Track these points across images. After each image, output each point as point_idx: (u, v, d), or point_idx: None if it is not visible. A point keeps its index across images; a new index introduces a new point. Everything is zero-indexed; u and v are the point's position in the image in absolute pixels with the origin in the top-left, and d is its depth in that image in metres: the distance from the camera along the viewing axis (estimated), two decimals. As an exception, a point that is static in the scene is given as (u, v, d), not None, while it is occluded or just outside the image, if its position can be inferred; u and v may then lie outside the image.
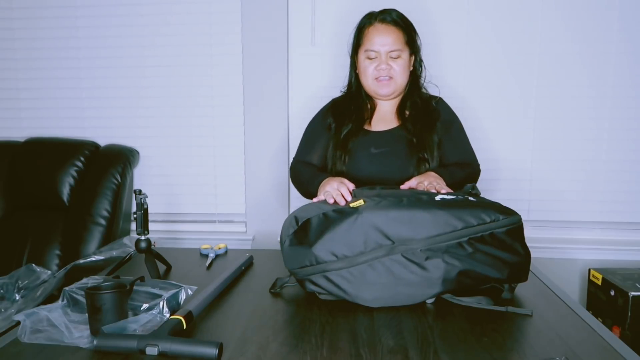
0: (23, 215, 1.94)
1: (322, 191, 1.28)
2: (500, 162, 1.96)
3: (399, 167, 1.47)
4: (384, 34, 1.48)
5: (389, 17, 1.50)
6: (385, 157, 1.49)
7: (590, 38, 1.88)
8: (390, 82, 1.50)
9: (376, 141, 1.51)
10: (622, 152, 1.92)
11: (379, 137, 1.52)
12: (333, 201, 1.17)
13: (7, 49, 2.08)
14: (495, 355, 0.85)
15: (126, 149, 2.02)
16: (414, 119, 1.53)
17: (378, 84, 1.51)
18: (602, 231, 1.98)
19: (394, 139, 1.51)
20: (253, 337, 0.92)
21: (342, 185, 1.24)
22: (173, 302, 1.01)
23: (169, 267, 1.34)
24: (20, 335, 0.91)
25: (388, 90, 1.51)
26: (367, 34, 1.51)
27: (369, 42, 1.49)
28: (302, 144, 1.64)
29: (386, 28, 1.49)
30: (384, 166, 1.48)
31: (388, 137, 1.52)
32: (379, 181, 1.45)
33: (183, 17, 1.99)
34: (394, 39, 1.48)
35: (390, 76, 1.50)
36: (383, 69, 1.48)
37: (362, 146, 1.51)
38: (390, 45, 1.48)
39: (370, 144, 1.50)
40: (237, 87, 2.02)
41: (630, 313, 1.61)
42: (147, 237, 1.29)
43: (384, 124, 1.55)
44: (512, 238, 1.08)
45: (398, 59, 1.49)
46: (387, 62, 1.49)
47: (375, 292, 1.04)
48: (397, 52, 1.48)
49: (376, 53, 1.49)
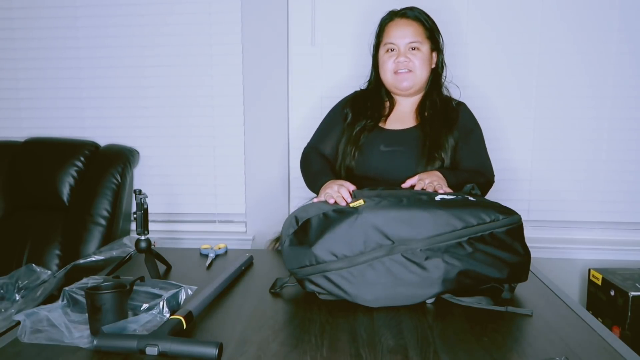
0: (23, 215, 1.94)
1: (322, 193, 1.28)
2: (500, 162, 1.96)
3: (406, 167, 1.46)
4: (403, 27, 1.49)
5: (410, 13, 1.52)
6: (394, 155, 1.48)
7: (590, 38, 1.88)
8: (409, 75, 1.49)
9: (387, 139, 1.50)
10: (622, 152, 1.92)
11: (391, 136, 1.51)
12: (333, 201, 1.17)
13: (7, 49, 2.08)
14: (495, 355, 0.85)
15: (126, 149, 2.02)
16: (432, 119, 1.51)
17: (397, 77, 1.50)
18: (602, 231, 1.98)
19: (406, 139, 1.50)
20: (253, 337, 0.92)
21: (343, 187, 1.24)
22: (173, 302, 1.01)
23: (169, 267, 1.34)
24: (20, 335, 0.91)
25: (408, 83, 1.50)
26: (387, 29, 1.51)
27: (388, 35, 1.50)
28: (318, 131, 1.63)
29: (406, 22, 1.50)
30: (391, 165, 1.47)
31: (400, 137, 1.51)
32: (386, 180, 1.45)
33: (183, 17, 1.99)
34: (412, 31, 1.48)
35: (409, 69, 1.49)
36: (401, 61, 1.48)
37: (373, 143, 1.50)
38: (410, 37, 1.48)
39: (381, 142, 1.50)
40: (237, 87, 2.02)
41: (630, 313, 1.61)
42: (147, 237, 1.29)
43: (400, 123, 1.53)
44: (512, 238, 1.08)
45: (417, 52, 1.48)
46: (405, 54, 1.48)
47: (375, 292, 1.04)
48: (416, 43, 1.48)
49: (395, 45, 1.49)
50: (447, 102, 1.56)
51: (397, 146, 1.49)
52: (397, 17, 1.51)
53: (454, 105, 1.56)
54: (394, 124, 1.54)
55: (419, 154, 1.46)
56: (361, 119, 1.53)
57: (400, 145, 1.49)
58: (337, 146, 1.56)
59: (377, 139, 1.50)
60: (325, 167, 1.51)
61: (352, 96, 1.62)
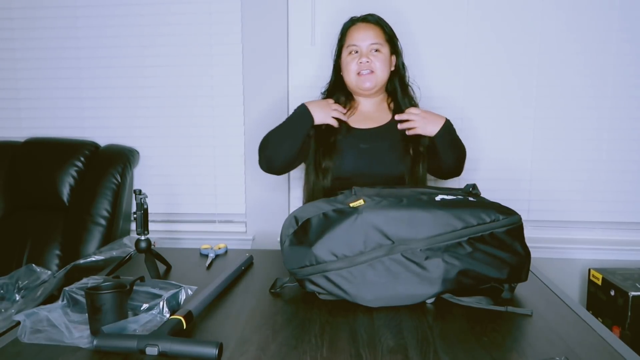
0: (23, 215, 1.94)
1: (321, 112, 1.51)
2: (500, 162, 1.97)
3: (390, 161, 1.52)
4: (365, 30, 1.57)
5: (371, 18, 1.61)
6: (376, 151, 1.53)
7: (590, 38, 1.88)
8: (372, 76, 1.55)
9: (365, 137, 1.55)
10: (622, 152, 1.92)
11: (367, 134, 1.56)
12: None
13: (6, 49, 2.08)
14: (495, 355, 0.85)
15: (126, 149, 2.02)
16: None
17: (360, 79, 1.55)
18: (602, 231, 1.98)
19: (385, 134, 1.56)
20: (253, 337, 0.92)
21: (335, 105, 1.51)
22: (173, 302, 1.01)
23: (169, 267, 1.34)
24: (20, 335, 0.91)
25: (370, 84, 1.55)
26: (349, 32, 1.59)
27: (351, 38, 1.57)
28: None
29: (367, 25, 1.59)
30: (374, 161, 1.52)
31: (378, 133, 1.56)
32: (369, 176, 1.50)
33: (183, 17, 1.99)
34: (373, 34, 1.56)
35: (371, 70, 1.55)
36: (364, 62, 1.54)
37: (350, 143, 1.54)
38: (371, 39, 1.55)
39: (358, 141, 1.55)
40: (237, 87, 2.02)
41: (630, 313, 1.61)
42: (147, 237, 1.29)
43: (370, 122, 1.59)
44: (512, 238, 1.08)
45: (378, 54, 1.55)
46: (367, 55, 1.54)
47: (375, 292, 1.04)
48: (377, 45, 1.55)
49: (357, 47, 1.55)
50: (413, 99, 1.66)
51: (378, 142, 1.54)
52: (358, 22, 1.60)
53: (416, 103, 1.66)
54: (364, 124, 1.59)
55: (403, 147, 1.54)
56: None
57: (379, 141, 1.55)
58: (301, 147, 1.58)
59: (353, 139, 1.55)
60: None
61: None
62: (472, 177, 1.96)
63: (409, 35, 1.92)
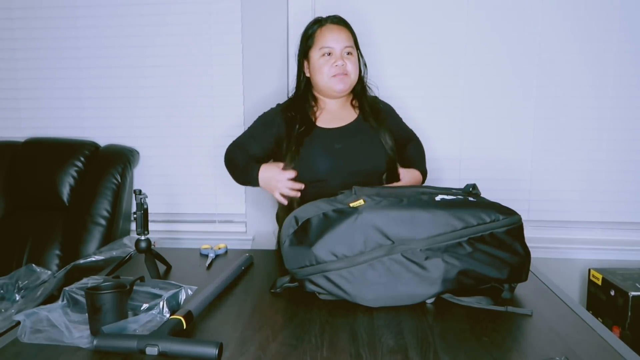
0: (23, 215, 1.94)
1: (268, 187, 1.51)
2: (500, 162, 1.96)
3: (366, 157, 1.53)
4: (338, 32, 1.54)
5: (341, 20, 1.58)
6: (350, 149, 1.53)
7: (590, 38, 1.88)
8: (346, 78, 1.54)
9: (337, 137, 1.55)
10: (622, 152, 1.92)
11: (338, 133, 1.55)
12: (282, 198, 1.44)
13: (7, 49, 2.08)
14: (495, 355, 0.85)
15: (126, 149, 2.02)
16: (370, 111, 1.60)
17: (334, 80, 1.54)
18: (602, 231, 1.98)
19: (354, 132, 1.56)
20: (253, 337, 0.92)
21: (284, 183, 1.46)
22: (173, 302, 1.01)
23: (169, 267, 1.34)
24: (20, 335, 0.91)
25: (344, 86, 1.55)
26: (320, 34, 1.55)
27: (324, 40, 1.54)
28: (247, 134, 1.64)
29: (339, 27, 1.56)
30: (349, 159, 1.52)
31: (349, 131, 1.56)
32: (347, 174, 1.49)
33: (183, 17, 1.99)
34: (346, 36, 1.55)
35: (345, 72, 1.54)
36: (340, 65, 1.52)
37: (323, 144, 1.53)
38: (345, 42, 1.54)
39: (331, 141, 1.54)
40: (237, 87, 2.02)
41: (630, 313, 1.61)
42: (147, 237, 1.29)
43: (338, 121, 1.58)
44: (512, 238, 1.09)
45: (351, 56, 1.55)
46: (342, 58, 1.53)
47: (375, 292, 1.04)
48: (350, 48, 1.54)
49: (332, 49, 1.53)
50: (374, 100, 1.68)
51: (350, 139, 1.54)
52: (329, 23, 1.56)
53: (373, 99, 1.68)
54: (333, 123, 1.58)
55: (376, 142, 1.55)
56: (299, 124, 1.56)
57: (354, 138, 1.55)
58: (266, 153, 1.60)
59: (324, 139, 1.54)
60: (252, 159, 1.58)
61: (283, 107, 1.64)
62: (472, 177, 1.96)
63: (409, 35, 1.93)
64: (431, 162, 1.75)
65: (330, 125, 1.57)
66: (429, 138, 1.91)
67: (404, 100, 1.92)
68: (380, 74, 1.93)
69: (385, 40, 1.93)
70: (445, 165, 1.98)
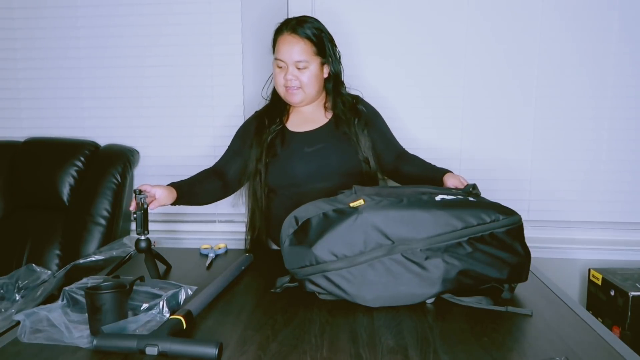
0: (23, 215, 1.94)
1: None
2: (500, 162, 1.96)
3: (337, 162, 1.52)
4: (290, 45, 1.50)
5: (300, 30, 1.51)
6: (322, 152, 1.53)
7: (590, 38, 1.87)
8: (298, 91, 1.53)
9: (307, 140, 1.55)
10: (622, 152, 1.92)
11: (309, 137, 1.56)
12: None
13: (7, 49, 2.08)
14: (495, 355, 0.85)
15: (126, 149, 2.02)
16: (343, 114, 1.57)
17: (288, 92, 1.54)
18: (602, 231, 1.98)
19: (325, 135, 1.55)
20: (253, 337, 0.93)
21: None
22: (173, 302, 1.01)
23: (169, 267, 1.34)
24: (20, 335, 0.91)
25: (297, 98, 1.54)
26: (277, 42, 1.54)
27: (278, 51, 1.53)
28: (229, 151, 1.66)
29: (293, 39, 1.50)
30: (321, 163, 1.52)
31: (319, 135, 1.56)
32: (322, 177, 1.50)
33: (183, 17, 1.99)
34: (299, 50, 1.50)
35: (298, 86, 1.52)
36: (289, 79, 1.51)
37: (294, 148, 1.54)
38: (297, 56, 1.50)
39: (303, 145, 1.54)
40: (237, 87, 2.02)
41: (630, 313, 1.61)
42: (147, 237, 1.29)
43: (310, 124, 1.58)
44: (512, 238, 1.09)
45: (305, 70, 1.52)
46: (293, 72, 1.51)
47: (375, 292, 1.04)
48: (303, 63, 1.50)
49: (283, 62, 1.51)
50: (349, 99, 1.62)
51: (322, 143, 1.54)
52: (286, 32, 1.52)
53: (352, 100, 1.63)
54: (303, 127, 1.58)
55: (349, 143, 1.53)
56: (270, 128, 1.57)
57: (324, 141, 1.54)
58: (242, 169, 1.60)
59: (295, 143, 1.55)
60: (190, 178, 1.57)
61: (258, 113, 1.66)
62: (472, 177, 1.95)
63: (409, 35, 1.92)
64: (431, 162, 1.75)
65: (301, 129, 1.57)
66: (429, 138, 1.91)
67: (403, 100, 1.92)
68: (380, 74, 1.93)
69: (385, 40, 1.93)
70: (445, 165, 1.96)
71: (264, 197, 1.58)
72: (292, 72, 1.51)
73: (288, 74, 1.51)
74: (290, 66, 1.50)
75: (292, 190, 1.52)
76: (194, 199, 1.53)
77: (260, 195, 1.57)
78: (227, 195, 1.64)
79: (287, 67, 1.51)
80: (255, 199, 1.60)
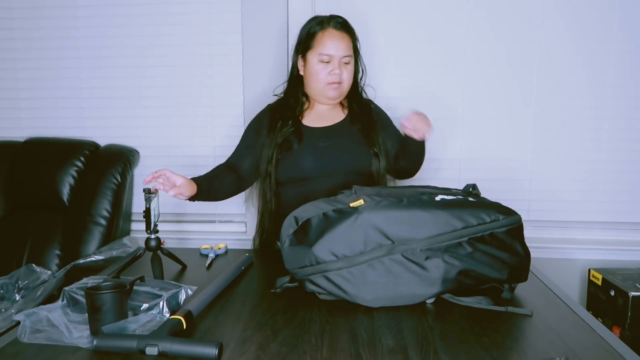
0: (23, 215, 1.94)
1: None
2: (500, 162, 1.96)
3: (352, 156, 1.53)
4: (338, 40, 1.52)
5: (343, 25, 1.55)
6: (336, 148, 1.53)
7: (590, 38, 1.87)
8: (339, 87, 1.54)
9: (322, 135, 1.55)
10: (622, 152, 1.92)
11: (324, 132, 1.56)
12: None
13: (7, 49, 2.08)
14: (495, 355, 0.86)
15: (126, 149, 2.02)
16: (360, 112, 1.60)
17: (328, 87, 1.54)
18: (602, 231, 1.98)
19: (341, 132, 1.56)
20: (253, 337, 0.93)
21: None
22: (173, 302, 1.01)
23: (184, 266, 1.34)
24: (20, 335, 0.91)
25: (337, 93, 1.55)
26: (320, 38, 1.53)
27: (323, 46, 1.52)
28: (242, 144, 1.66)
29: (340, 34, 1.53)
30: (335, 158, 1.52)
31: (335, 131, 1.56)
32: (333, 173, 1.50)
33: (183, 17, 1.99)
34: (346, 45, 1.52)
35: (340, 81, 1.53)
36: (337, 73, 1.52)
37: (308, 143, 1.54)
38: (344, 51, 1.52)
39: (317, 139, 1.54)
40: (237, 87, 2.02)
41: (630, 313, 1.61)
42: (156, 236, 1.29)
43: (326, 120, 1.59)
44: (512, 238, 1.09)
45: (348, 65, 1.54)
46: (339, 67, 1.52)
47: (375, 292, 1.04)
48: (348, 57, 1.53)
49: (331, 57, 1.51)
50: (366, 103, 1.65)
51: (337, 139, 1.54)
52: (330, 28, 1.53)
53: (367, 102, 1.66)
54: (319, 122, 1.58)
55: (362, 142, 1.54)
56: (286, 123, 1.56)
57: (338, 137, 1.55)
58: (256, 163, 1.59)
59: (309, 138, 1.55)
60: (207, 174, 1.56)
61: (271, 106, 1.66)
62: (472, 177, 1.96)
63: (409, 35, 1.92)
64: (431, 162, 1.75)
65: (317, 125, 1.58)
66: (428, 138, 1.90)
67: (403, 101, 1.92)
68: (380, 74, 1.93)
69: (386, 41, 1.93)
70: (445, 166, 1.98)
71: (273, 199, 1.57)
72: (338, 67, 1.52)
73: (335, 69, 1.51)
74: (336, 61, 1.51)
75: (301, 187, 1.51)
76: (212, 194, 1.54)
77: (269, 198, 1.57)
78: (241, 190, 1.65)
79: (333, 62, 1.52)
80: (265, 202, 1.59)
